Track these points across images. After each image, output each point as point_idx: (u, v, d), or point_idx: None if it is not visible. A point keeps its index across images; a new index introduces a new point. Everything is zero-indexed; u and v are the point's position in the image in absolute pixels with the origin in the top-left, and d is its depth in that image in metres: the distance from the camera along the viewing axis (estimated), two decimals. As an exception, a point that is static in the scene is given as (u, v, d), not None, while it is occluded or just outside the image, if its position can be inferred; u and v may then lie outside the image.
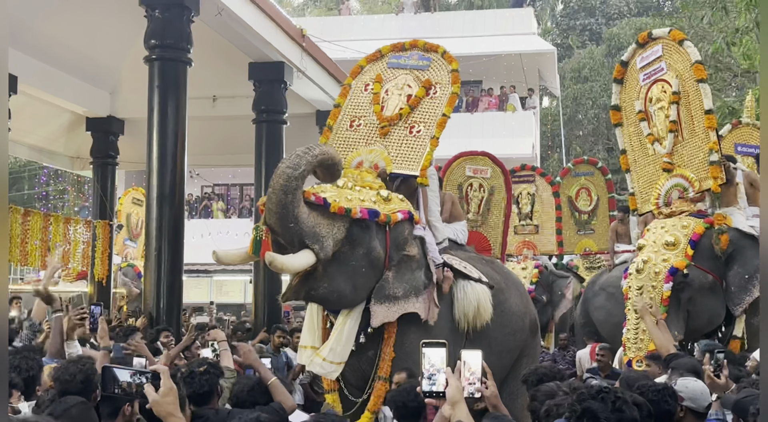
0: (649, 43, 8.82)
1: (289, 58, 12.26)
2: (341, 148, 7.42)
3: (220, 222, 26.54)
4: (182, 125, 9.65)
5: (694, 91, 8.29)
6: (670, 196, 8.45)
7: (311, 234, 6.07)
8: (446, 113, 7.41)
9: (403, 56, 7.87)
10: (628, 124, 9.06)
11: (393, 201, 6.60)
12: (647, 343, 7.60)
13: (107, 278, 14.00)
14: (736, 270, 7.94)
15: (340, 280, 6.29)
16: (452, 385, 3.01)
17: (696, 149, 8.33)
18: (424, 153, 7.25)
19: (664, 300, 7.75)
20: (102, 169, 15.04)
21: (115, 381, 2.93)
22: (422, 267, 6.75)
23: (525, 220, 13.85)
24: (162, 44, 9.70)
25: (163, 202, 9.45)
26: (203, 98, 13.40)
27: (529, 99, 28.08)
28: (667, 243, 7.98)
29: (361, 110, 7.66)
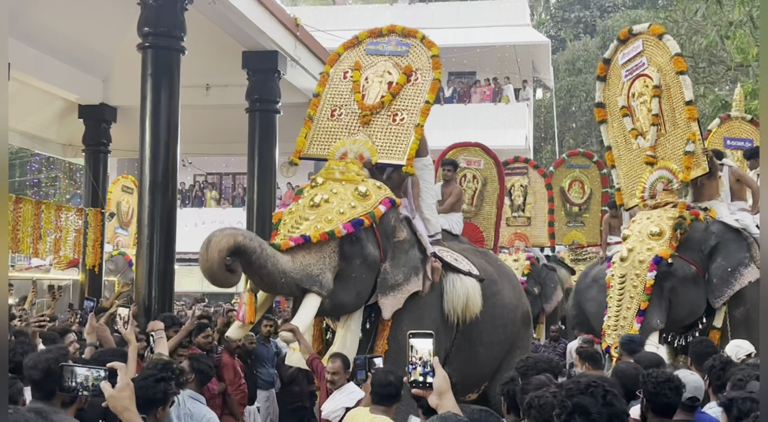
0: (629, 39, 8.94)
1: (283, 47, 12.22)
2: (323, 139, 7.43)
3: (213, 211, 26.51)
4: (175, 113, 9.62)
5: (675, 83, 8.38)
6: (655, 188, 8.52)
7: (306, 279, 6.16)
8: (429, 100, 7.41)
9: (381, 42, 7.85)
10: (612, 120, 9.16)
11: (371, 194, 6.62)
12: (627, 331, 7.71)
13: (99, 266, 13.96)
14: (719, 262, 8.05)
15: (342, 295, 6.39)
16: (439, 375, 3.02)
17: (679, 141, 8.43)
18: (409, 141, 7.23)
19: (647, 289, 7.84)
20: (94, 157, 14.98)
21: (73, 376, 2.98)
22: (414, 245, 6.85)
23: (517, 212, 13.87)
24: (155, 32, 9.65)
25: (156, 191, 9.41)
26: (196, 87, 13.33)
27: (523, 90, 28.08)
28: (653, 234, 8.07)
29: (341, 99, 7.66)
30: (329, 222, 6.30)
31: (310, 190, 6.71)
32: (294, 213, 6.54)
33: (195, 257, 26.25)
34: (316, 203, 6.45)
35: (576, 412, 2.70)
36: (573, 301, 11.65)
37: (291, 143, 15.18)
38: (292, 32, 12.40)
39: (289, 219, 6.50)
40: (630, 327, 7.78)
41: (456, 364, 7.15)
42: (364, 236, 6.43)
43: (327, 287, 6.20)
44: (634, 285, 7.92)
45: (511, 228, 13.78)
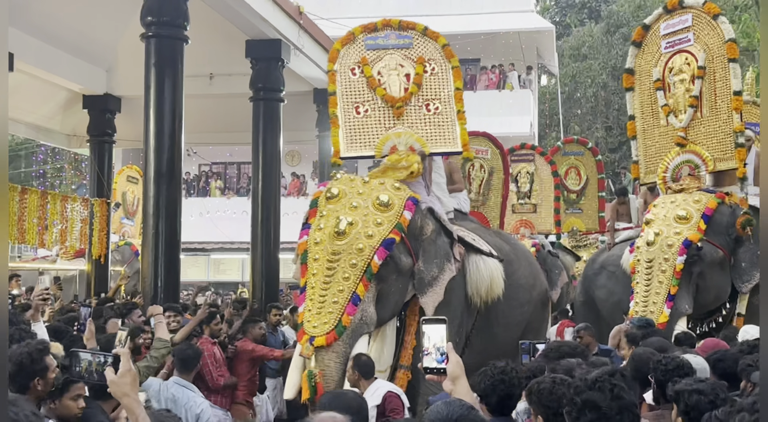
0: (677, 11, 8.53)
1: (287, 35, 12.19)
2: (359, 136, 7.32)
3: (217, 200, 26.52)
4: (179, 103, 9.62)
5: (722, 69, 8.09)
6: (680, 171, 8.36)
7: (355, 336, 6.06)
8: (458, 87, 7.51)
9: (378, 37, 7.75)
10: (642, 90, 8.84)
11: (393, 201, 6.40)
12: (657, 316, 7.56)
13: (105, 256, 14.00)
14: (748, 246, 7.91)
15: (382, 313, 6.30)
16: (452, 361, 3.04)
17: (715, 128, 8.17)
18: (454, 129, 7.34)
19: (677, 273, 7.67)
20: (99, 147, 15.01)
21: (78, 362, 3.05)
22: (440, 232, 6.74)
23: (523, 199, 13.86)
24: (158, 21, 9.64)
25: (161, 180, 9.43)
26: (200, 76, 13.33)
27: (527, 77, 27.99)
28: (679, 217, 7.90)
29: (360, 95, 7.54)
30: (361, 252, 6.10)
31: (327, 206, 6.40)
32: (322, 244, 6.21)
33: (200, 246, 26.42)
34: (341, 231, 6.16)
35: (586, 408, 2.73)
36: (581, 288, 11.62)
37: (295, 132, 15.37)
38: (296, 20, 12.37)
39: (320, 255, 6.18)
40: (660, 313, 7.59)
41: (476, 346, 7.17)
42: (396, 252, 6.29)
43: (371, 323, 6.15)
44: (663, 270, 7.73)
45: (517, 215, 13.77)
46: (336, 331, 5.89)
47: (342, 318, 5.93)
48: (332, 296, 6.01)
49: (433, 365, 3.08)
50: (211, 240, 25.00)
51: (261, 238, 12.47)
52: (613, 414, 2.72)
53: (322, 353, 5.86)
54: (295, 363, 6.14)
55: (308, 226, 6.41)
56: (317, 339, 5.86)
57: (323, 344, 5.84)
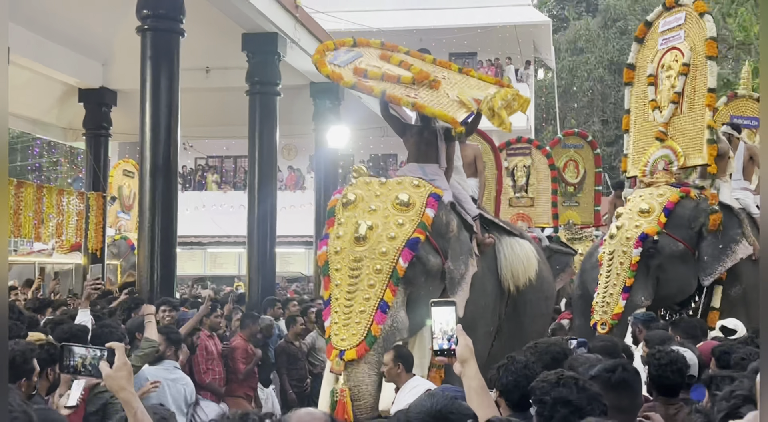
0: (674, 8, 8.66)
1: (283, 29, 12.16)
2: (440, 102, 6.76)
3: (214, 194, 26.53)
4: (175, 96, 9.60)
5: (702, 66, 8.20)
6: (657, 165, 8.47)
7: (386, 346, 5.71)
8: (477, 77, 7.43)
9: (337, 56, 7.05)
10: (638, 85, 8.96)
11: (413, 200, 6.06)
12: (612, 307, 7.75)
13: (101, 250, 13.99)
14: (711, 240, 7.99)
15: (414, 318, 5.94)
16: (461, 344, 3.06)
17: (690, 124, 8.31)
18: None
19: (632, 265, 7.82)
20: (95, 141, 14.98)
21: (72, 356, 3.02)
22: (461, 227, 6.47)
23: (520, 193, 13.84)
24: (154, 14, 9.62)
25: (157, 174, 9.41)
26: (196, 69, 13.31)
27: (524, 71, 27.99)
28: (642, 211, 8.04)
29: (399, 87, 6.82)
30: (384, 256, 5.77)
31: (344, 213, 6.08)
32: (342, 252, 5.87)
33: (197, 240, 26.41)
34: (362, 236, 5.83)
35: (558, 404, 2.88)
36: (578, 281, 11.63)
37: (291, 125, 15.35)
38: (292, 14, 12.34)
39: (341, 264, 5.85)
40: (616, 304, 7.77)
41: (504, 334, 7.02)
42: (423, 252, 5.93)
43: (404, 329, 5.81)
44: (621, 262, 7.88)
45: (514, 208, 13.75)
46: (366, 342, 5.56)
47: (371, 328, 5.60)
48: (358, 305, 5.69)
49: (443, 347, 3.10)
50: (207, 234, 25.01)
51: (257, 232, 12.47)
52: (584, 405, 2.86)
53: (354, 367, 5.53)
54: (326, 380, 5.81)
55: (327, 236, 6.08)
56: (347, 353, 5.54)
57: (354, 357, 5.51)
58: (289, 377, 9.27)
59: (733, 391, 2.42)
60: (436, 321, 3.13)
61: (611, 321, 7.70)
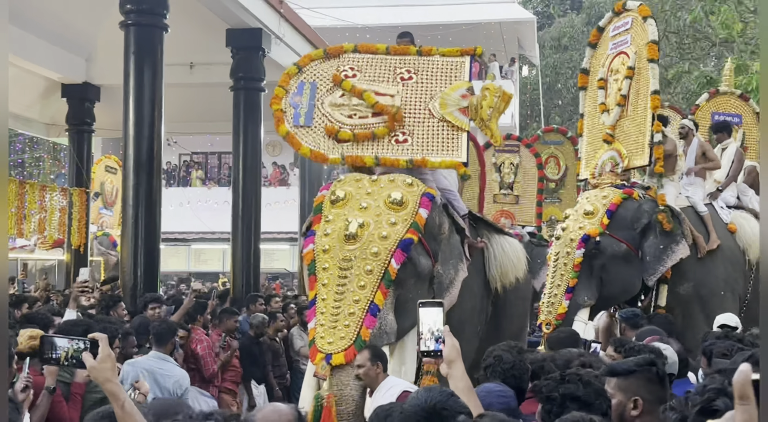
0: (622, 13, 8.88)
1: (267, 24, 12.14)
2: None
3: (198, 190, 26.45)
4: (159, 92, 9.57)
5: (645, 69, 8.36)
6: (605, 167, 8.59)
7: (374, 347, 5.36)
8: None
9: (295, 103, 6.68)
10: (591, 89, 9.16)
11: (406, 199, 5.83)
12: (556, 308, 7.87)
13: (84, 246, 13.92)
14: (652, 240, 8.10)
15: (402, 322, 5.68)
16: (448, 344, 3.06)
17: (633, 126, 8.45)
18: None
19: (575, 266, 7.93)
20: (78, 136, 14.91)
21: (53, 348, 2.97)
22: (453, 229, 6.25)
23: (506, 190, 13.86)
24: (138, 9, 9.58)
25: (140, 170, 9.38)
26: (180, 65, 13.25)
27: (509, 68, 28.04)
28: (586, 212, 8.18)
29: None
30: (376, 256, 5.53)
31: (332, 210, 5.85)
32: (331, 251, 5.62)
33: (181, 237, 26.25)
34: (352, 234, 5.59)
35: (567, 400, 2.91)
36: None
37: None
38: (276, 9, 12.33)
39: (329, 263, 5.59)
40: (560, 304, 7.89)
41: (483, 335, 6.89)
42: (414, 253, 5.69)
43: (392, 332, 5.54)
44: (565, 263, 8.01)
45: (498, 205, 13.77)
46: (355, 346, 5.30)
47: (361, 332, 5.35)
48: (348, 307, 5.43)
49: (429, 348, 3.10)
50: (191, 231, 24.93)
51: (242, 228, 12.45)
52: (592, 400, 2.91)
53: (340, 372, 5.25)
54: (307, 383, 5.53)
55: (312, 233, 5.81)
56: (335, 357, 5.26)
57: (342, 362, 5.24)
58: (272, 373, 9.31)
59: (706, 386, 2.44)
60: (424, 322, 3.12)
61: (555, 321, 7.80)
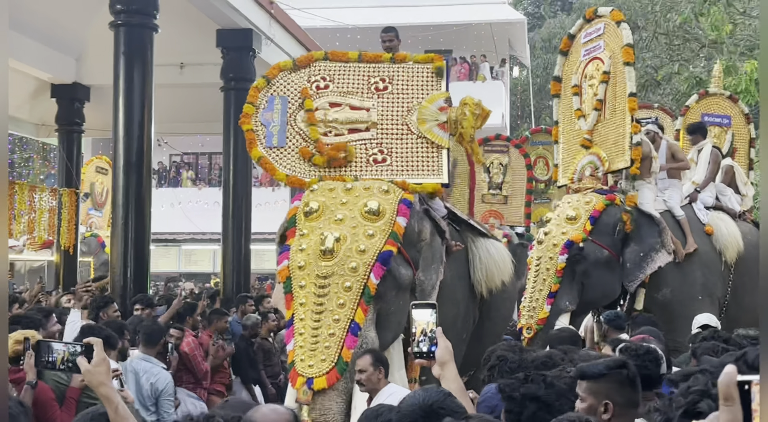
0: (594, 20, 8.95)
1: (258, 25, 12.13)
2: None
3: (189, 191, 26.40)
4: (149, 92, 9.55)
5: (621, 73, 8.41)
6: (584, 172, 8.63)
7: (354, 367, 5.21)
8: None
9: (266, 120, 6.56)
10: (564, 96, 9.23)
11: (383, 208, 5.58)
12: (538, 312, 7.87)
13: (74, 247, 13.88)
14: (633, 247, 8.19)
15: (385, 335, 5.51)
16: (441, 346, 3.07)
17: (612, 129, 8.50)
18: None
19: (558, 272, 7.95)
20: (67, 137, 14.87)
21: (49, 352, 3.01)
22: (434, 233, 5.97)
23: (495, 190, 13.89)
24: (128, 9, 9.56)
25: (130, 170, 9.36)
26: (170, 65, 13.22)
27: (499, 68, 28.08)
28: (569, 217, 8.20)
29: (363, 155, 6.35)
30: (355, 272, 5.29)
31: (307, 223, 5.59)
32: (307, 268, 5.37)
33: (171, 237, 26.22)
34: (329, 249, 5.33)
35: (527, 400, 2.93)
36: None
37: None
38: (267, 10, 12.32)
39: (306, 280, 5.35)
40: (541, 309, 7.89)
41: (470, 338, 6.80)
42: (394, 264, 5.46)
43: (375, 348, 5.28)
44: (547, 268, 8.03)
45: (486, 205, 13.80)
46: (337, 369, 5.08)
47: (342, 353, 5.12)
48: (327, 328, 5.19)
49: (422, 349, 3.11)
50: (182, 231, 24.89)
51: (232, 229, 12.44)
52: (552, 401, 2.93)
53: (322, 396, 5.03)
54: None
55: (287, 248, 5.56)
56: (316, 381, 5.03)
57: (324, 386, 5.02)
58: (265, 373, 9.30)
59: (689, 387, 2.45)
60: (417, 323, 3.13)
61: (536, 326, 7.81)
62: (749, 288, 8.89)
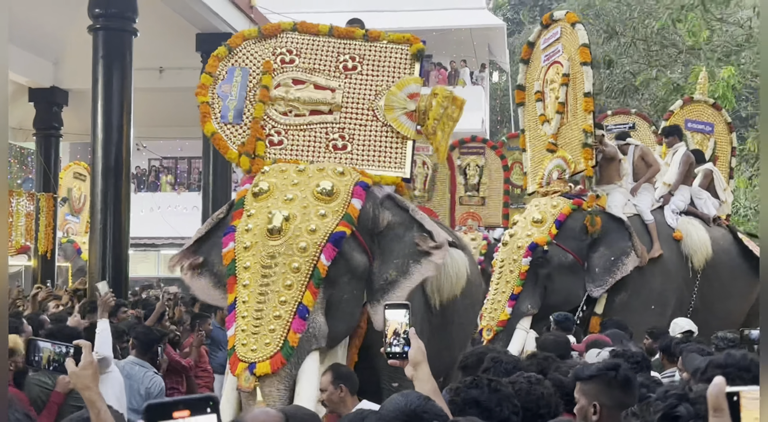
0: (551, 25, 8.96)
1: (237, 29, 12.07)
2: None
3: (168, 195, 26.27)
4: (128, 96, 9.53)
5: (579, 73, 8.41)
6: (551, 176, 8.63)
7: (301, 351, 4.83)
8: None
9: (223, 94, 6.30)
10: (529, 104, 9.22)
11: (337, 188, 5.23)
12: (499, 314, 7.82)
13: (52, 252, 13.79)
14: (602, 251, 8.13)
15: (336, 325, 5.11)
16: (414, 346, 3.06)
17: (575, 131, 8.49)
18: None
19: (521, 274, 7.91)
20: (45, 141, 14.78)
21: (37, 351, 2.97)
22: (411, 227, 5.42)
23: (471, 192, 13.90)
24: (106, 13, 9.54)
25: (108, 175, 9.33)
26: (150, 69, 13.19)
27: (479, 73, 28.18)
28: (535, 220, 8.17)
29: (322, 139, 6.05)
30: (304, 252, 4.93)
31: (255, 203, 5.24)
32: (253, 248, 5.01)
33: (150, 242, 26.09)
34: (277, 227, 4.98)
35: (466, 405, 2.95)
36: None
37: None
38: (246, 14, 12.31)
39: (251, 261, 4.99)
40: (502, 311, 7.84)
41: (433, 348, 6.23)
42: (347, 247, 5.09)
43: (321, 336, 4.94)
44: (511, 270, 7.99)
45: (464, 207, 13.80)
46: (282, 353, 4.72)
47: (288, 336, 4.76)
48: (272, 310, 4.82)
49: (395, 350, 3.09)
50: (161, 236, 24.75)
51: (211, 234, 12.38)
52: (492, 406, 2.94)
53: (266, 383, 4.67)
54: (227, 399, 4.82)
55: (232, 230, 5.20)
56: (259, 366, 4.66)
57: (268, 372, 4.64)
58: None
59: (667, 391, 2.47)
60: (389, 323, 3.11)
61: (497, 328, 7.75)
62: (720, 293, 8.84)
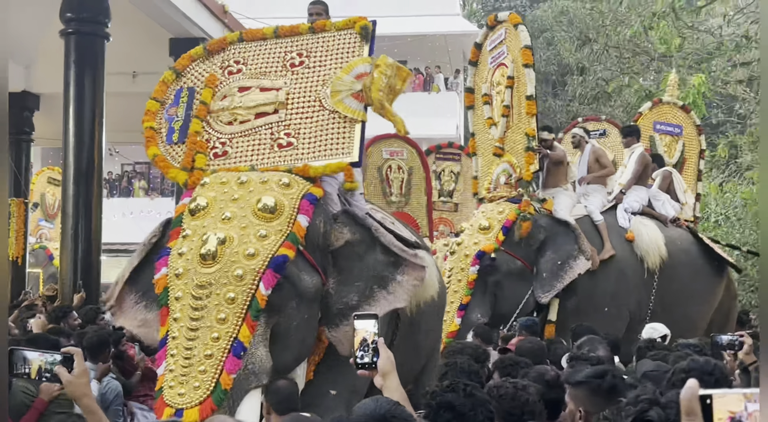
0: (496, 27, 8.83)
1: (211, 34, 12.06)
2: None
3: (141, 201, 26.12)
4: (100, 101, 9.48)
5: (522, 76, 8.30)
6: (499, 181, 8.52)
7: (239, 389, 4.33)
8: None
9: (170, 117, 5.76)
10: (478, 107, 9.07)
11: (281, 205, 4.64)
12: (448, 326, 7.56)
13: (23, 258, 13.66)
14: (549, 256, 7.99)
15: (283, 356, 4.58)
16: (383, 357, 3.08)
17: (520, 134, 8.38)
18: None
19: (470, 283, 7.78)
20: (16, 146, 14.64)
21: (25, 362, 2.85)
22: (373, 246, 4.88)
23: (445, 197, 13.93)
24: (78, 18, 9.49)
25: (80, 180, 9.26)
26: (123, 74, 13.11)
27: (453, 79, 28.28)
28: (482, 228, 8.04)
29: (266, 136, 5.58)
30: (240, 281, 4.37)
31: (192, 222, 4.66)
32: (185, 275, 4.45)
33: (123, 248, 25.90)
34: (210, 252, 4.41)
35: (441, 409, 2.95)
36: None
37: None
38: (220, 19, 12.28)
39: (183, 290, 4.44)
40: (451, 322, 7.65)
41: (397, 358, 6.01)
42: (294, 269, 4.54)
43: (262, 372, 4.38)
44: (459, 279, 7.85)
45: (437, 212, 13.80)
46: (213, 399, 4.18)
47: (220, 379, 4.22)
48: (203, 347, 4.26)
49: (364, 360, 3.09)
50: (134, 242, 24.35)
51: (184, 239, 12.32)
52: (466, 411, 2.94)
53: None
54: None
55: (167, 252, 4.65)
56: (187, 413, 4.13)
57: (196, 420, 4.11)
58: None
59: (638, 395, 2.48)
60: (358, 333, 3.11)
61: (446, 340, 7.26)
62: (680, 295, 8.71)
